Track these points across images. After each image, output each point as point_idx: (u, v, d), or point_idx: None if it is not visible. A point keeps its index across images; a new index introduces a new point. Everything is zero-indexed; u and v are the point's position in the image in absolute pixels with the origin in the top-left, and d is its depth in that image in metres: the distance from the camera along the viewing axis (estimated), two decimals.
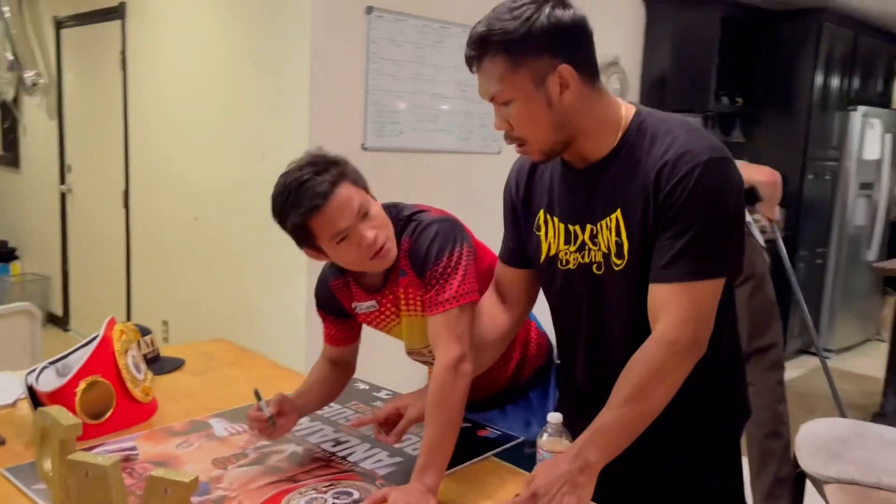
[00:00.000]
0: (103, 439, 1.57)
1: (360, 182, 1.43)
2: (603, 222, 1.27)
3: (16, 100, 5.53)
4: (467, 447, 1.58)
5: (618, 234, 1.25)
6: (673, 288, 1.19)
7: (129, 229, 4.34)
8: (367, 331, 1.67)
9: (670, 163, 1.18)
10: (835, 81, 5.07)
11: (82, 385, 1.56)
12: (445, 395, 1.38)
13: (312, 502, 1.32)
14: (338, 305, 1.59)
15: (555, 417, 1.33)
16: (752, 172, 3.06)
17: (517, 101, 1.20)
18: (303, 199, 1.35)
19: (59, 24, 4.89)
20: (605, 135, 1.25)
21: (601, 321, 1.35)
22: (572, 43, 1.18)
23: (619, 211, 1.24)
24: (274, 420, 1.49)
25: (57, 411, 1.12)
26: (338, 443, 1.58)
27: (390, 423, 1.50)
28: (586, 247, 1.31)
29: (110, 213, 4.46)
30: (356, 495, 1.35)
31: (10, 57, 5.19)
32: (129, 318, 4.35)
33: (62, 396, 1.55)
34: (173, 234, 3.96)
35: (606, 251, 1.27)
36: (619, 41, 4.48)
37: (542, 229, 1.39)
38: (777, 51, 4.92)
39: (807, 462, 1.85)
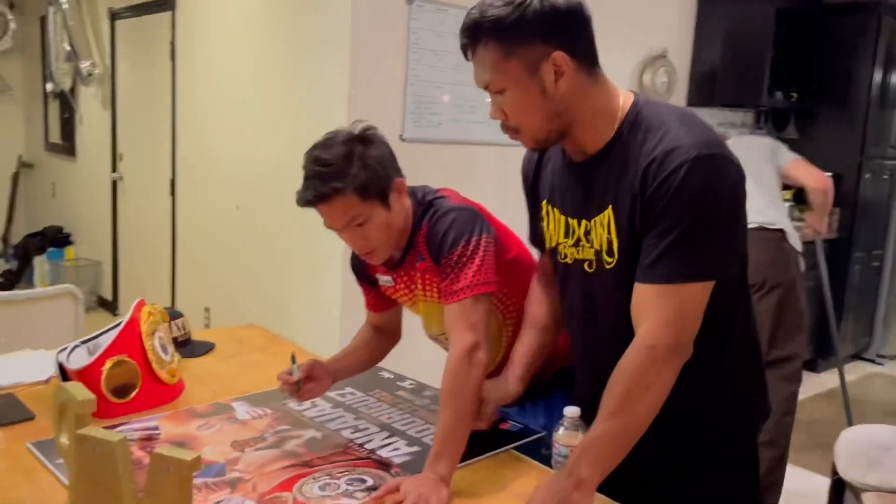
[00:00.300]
0: (128, 418, 1.59)
1: (369, 190, 1.38)
2: (597, 219, 1.23)
3: (73, 90, 5.70)
4: (487, 439, 1.56)
5: (609, 231, 1.21)
6: (655, 289, 1.14)
7: (175, 217, 4.43)
8: None
9: (658, 159, 1.13)
10: (894, 77, 4.86)
11: (108, 364, 1.59)
12: (459, 384, 1.37)
13: (325, 487, 1.32)
14: (368, 273, 1.64)
15: (571, 411, 1.30)
16: (805, 175, 2.95)
17: (511, 90, 1.17)
18: (303, 190, 1.40)
19: (115, 16, 5.02)
20: (602, 125, 1.21)
21: (592, 320, 1.32)
22: (567, 29, 1.14)
23: (610, 208, 1.20)
24: (300, 385, 1.53)
25: (73, 387, 1.14)
26: (357, 430, 1.58)
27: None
28: (580, 243, 1.28)
29: (158, 201, 4.56)
30: (370, 482, 1.35)
31: (67, 48, 5.35)
32: (172, 304, 4.44)
33: (89, 374, 1.58)
34: (216, 222, 4.03)
35: (598, 248, 1.24)
36: (668, 34, 4.38)
37: (545, 220, 1.38)
38: (834, 45, 4.74)
39: (845, 469, 1.77)
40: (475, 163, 3.50)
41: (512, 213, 1.71)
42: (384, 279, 1.60)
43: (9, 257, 6.39)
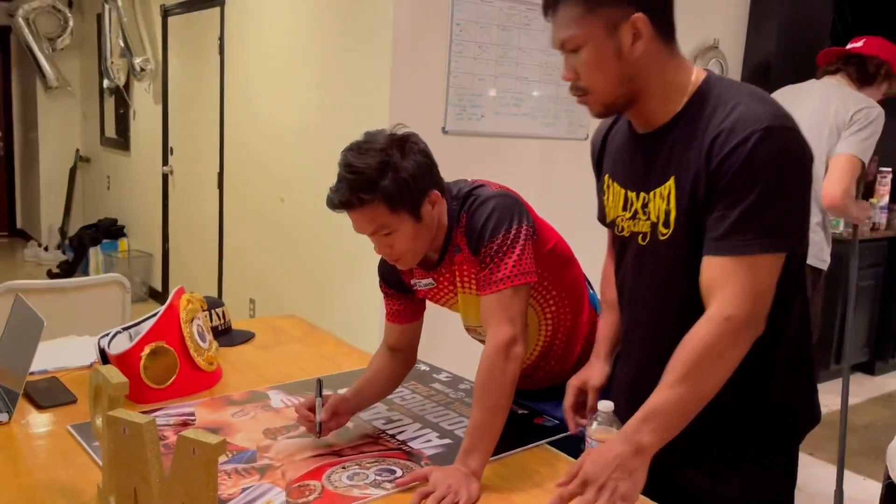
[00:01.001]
0: (165, 404, 1.62)
1: (400, 202, 1.34)
2: (657, 190, 1.22)
3: (127, 86, 5.85)
4: (522, 434, 1.53)
5: (668, 202, 1.20)
6: (729, 261, 1.12)
7: (223, 210, 4.50)
8: (429, 314, 1.65)
9: (726, 129, 1.11)
10: None
11: (146, 350, 1.61)
12: (494, 378, 1.34)
13: (354, 477, 1.31)
14: (399, 280, 1.57)
15: (605, 406, 1.26)
16: (828, 178, 2.73)
17: (587, 48, 1.16)
18: (333, 192, 1.37)
19: (167, 12, 5.12)
20: (672, 97, 1.20)
21: (641, 294, 1.30)
22: None
23: (672, 179, 1.19)
24: (322, 426, 1.44)
25: (107, 370, 1.15)
26: (389, 421, 1.57)
27: (578, 404, 1.47)
28: (637, 215, 1.27)
29: (206, 194, 4.64)
30: (399, 473, 1.34)
31: (121, 44, 5.48)
32: (219, 296, 4.52)
33: (128, 360, 1.60)
34: (261, 215, 4.08)
35: (655, 220, 1.23)
36: (720, 23, 4.25)
37: (606, 193, 1.37)
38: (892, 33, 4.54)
39: None
40: (518, 156, 3.46)
41: (555, 207, 1.68)
42: (424, 282, 1.54)
43: (66, 248, 6.59)
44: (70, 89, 6.89)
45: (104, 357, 1.67)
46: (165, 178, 5.30)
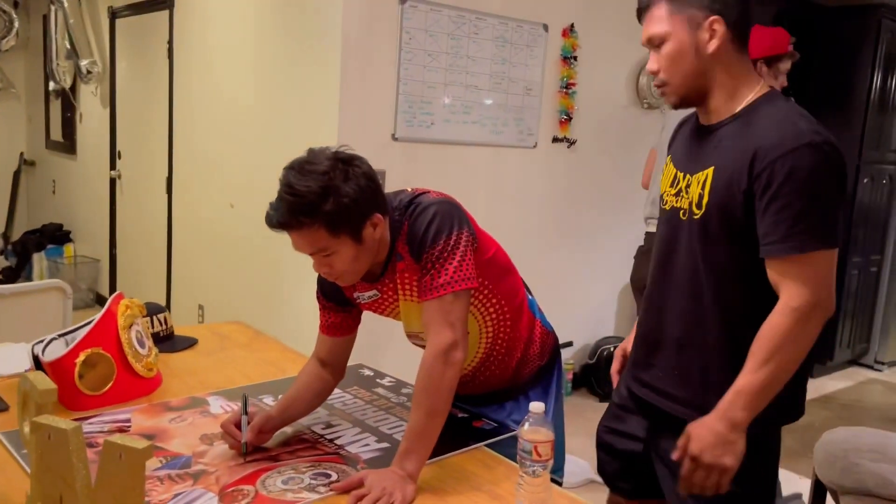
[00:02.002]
0: (101, 411, 1.60)
1: (340, 226, 1.33)
2: (698, 174, 1.40)
3: (73, 88, 5.73)
4: (461, 436, 1.55)
5: (703, 187, 1.38)
6: (792, 259, 1.29)
7: (171, 215, 4.44)
8: (373, 318, 1.66)
9: (776, 138, 1.29)
10: (894, 82, 4.84)
11: (82, 356, 1.59)
12: (433, 382, 1.36)
13: (289, 481, 1.32)
14: (340, 294, 1.57)
15: (537, 407, 1.29)
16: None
17: (670, 42, 1.37)
18: (273, 211, 1.36)
19: (114, 14, 5.04)
20: (735, 98, 1.39)
21: (670, 266, 1.46)
22: (731, 3, 1.36)
23: (711, 169, 1.37)
24: (247, 447, 1.41)
25: (35, 376, 1.14)
26: (329, 426, 1.58)
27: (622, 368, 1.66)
28: (681, 193, 1.44)
29: (154, 199, 4.57)
30: (334, 477, 1.34)
31: (67, 46, 5.37)
32: (168, 302, 4.45)
33: (62, 366, 1.58)
34: (211, 220, 4.03)
35: (691, 200, 1.41)
36: None
37: (663, 173, 1.55)
38: (833, 48, 4.72)
39: (822, 470, 1.76)
40: (468, 163, 3.49)
41: (503, 213, 1.71)
42: (367, 294, 1.53)
43: (8, 254, 6.42)
44: (14, 91, 6.72)
45: (38, 364, 1.65)
46: (113, 182, 5.21)
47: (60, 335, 1.75)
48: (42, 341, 1.71)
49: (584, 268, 4.17)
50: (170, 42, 4.30)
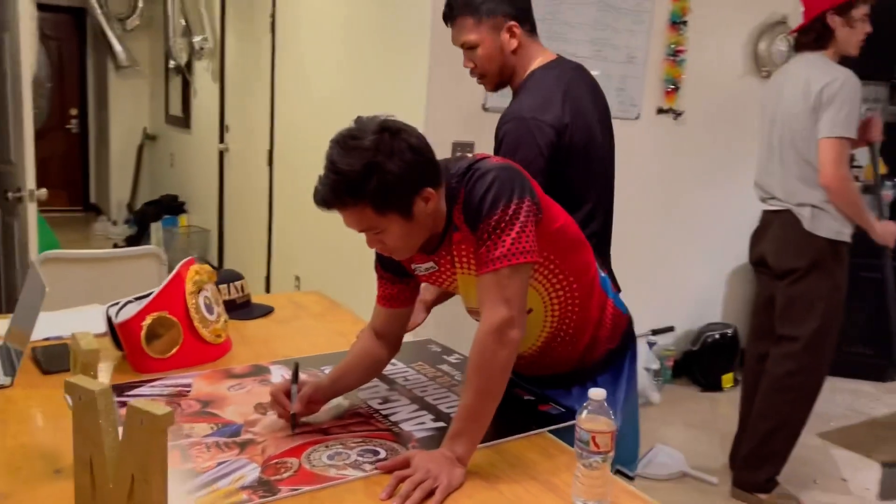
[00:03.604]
0: (166, 374, 1.61)
1: (387, 204, 1.26)
2: None
3: (188, 64, 5.96)
4: (524, 420, 1.46)
5: None
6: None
7: (272, 187, 4.53)
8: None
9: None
10: None
11: (148, 320, 1.60)
12: (486, 361, 1.27)
13: (335, 456, 1.27)
14: (397, 265, 1.50)
15: (597, 394, 1.17)
16: (822, 162, 2.60)
17: (482, 47, 1.72)
18: (318, 188, 1.29)
19: None
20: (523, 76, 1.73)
21: None
22: (518, 6, 1.72)
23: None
24: (296, 419, 1.37)
25: (83, 336, 1.14)
26: (386, 401, 1.52)
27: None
28: None
29: (257, 172, 4.69)
30: (382, 454, 1.28)
31: (183, 23, 5.58)
32: (268, 272, 4.57)
33: (130, 328, 1.60)
34: (308, 193, 4.05)
35: None
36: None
37: None
38: None
39: None
40: None
41: None
42: (425, 266, 1.45)
43: (131, 224, 6.81)
44: (139, 68, 7.09)
45: (111, 325, 1.68)
46: (222, 155, 5.38)
47: (137, 298, 1.78)
48: (118, 303, 1.74)
49: (689, 248, 3.93)
50: (272, 16, 4.36)
